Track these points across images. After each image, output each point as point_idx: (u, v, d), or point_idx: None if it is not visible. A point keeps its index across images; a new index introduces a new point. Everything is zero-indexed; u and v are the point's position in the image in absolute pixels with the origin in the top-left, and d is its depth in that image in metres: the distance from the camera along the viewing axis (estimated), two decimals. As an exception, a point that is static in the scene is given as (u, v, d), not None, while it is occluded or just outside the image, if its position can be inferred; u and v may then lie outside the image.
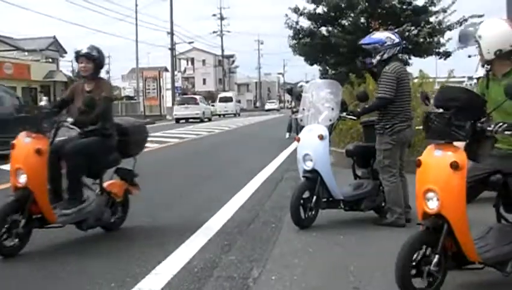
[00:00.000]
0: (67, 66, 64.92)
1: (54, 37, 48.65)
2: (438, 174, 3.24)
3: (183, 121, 35.03)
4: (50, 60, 46.14)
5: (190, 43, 59.93)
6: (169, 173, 10.20)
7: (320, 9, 21.72)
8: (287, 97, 68.34)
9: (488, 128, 3.22)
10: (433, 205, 3.22)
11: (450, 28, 20.67)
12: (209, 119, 38.38)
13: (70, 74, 50.00)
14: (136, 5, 49.96)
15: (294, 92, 15.22)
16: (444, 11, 20.54)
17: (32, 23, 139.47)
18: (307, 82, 12.22)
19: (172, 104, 46.50)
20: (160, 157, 13.26)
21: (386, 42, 5.28)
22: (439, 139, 3.32)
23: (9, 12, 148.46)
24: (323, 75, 23.87)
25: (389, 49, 5.28)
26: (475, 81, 8.99)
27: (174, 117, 36.35)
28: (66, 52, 51.45)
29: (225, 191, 7.51)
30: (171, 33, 49.04)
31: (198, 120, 35.44)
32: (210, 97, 56.94)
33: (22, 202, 4.50)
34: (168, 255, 4.51)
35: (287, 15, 21.85)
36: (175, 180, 9.13)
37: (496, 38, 3.49)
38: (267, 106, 72.51)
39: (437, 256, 3.18)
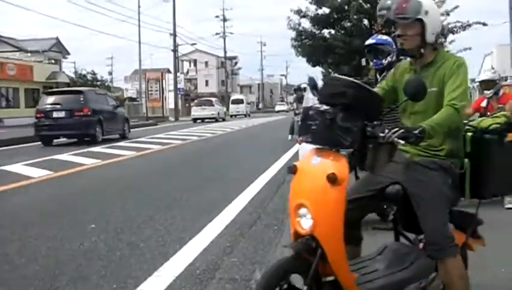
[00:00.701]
0: (70, 67, 65.04)
1: (57, 38, 48.77)
2: (312, 187, 2.57)
3: (200, 121, 38.87)
4: (53, 61, 46.26)
5: (193, 44, 60.06)
6: (171, 175, 10.18)
7: (322, 11, 21.79)
8: (289, 99, 68.61)
9: (381, 134, 2.54)
10: (306, 224, 2.54)
11: (452, 31, 20.75)
12: (223, 119, 41.67)
13: (73, 75, 50.16)
14: (139, 7, 50.19)
15: (298, 93, 15.22)
16: (448, 14, 20.58)
17: (35, 24, 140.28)
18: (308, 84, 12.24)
19: (175, 105, 46.70)
20: (162, 159, 13.28)
21: (393, 45, 5.24)
22: (320, 144, 2.65)
23: (12, 13, 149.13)
24: (325, 76, 23.94)
25: (395, 52, 5.25)
26: (477, 84, 8.98)
27: (192, 117, 40.46)
28: (68, 54, 51.70)
29: (227, 193, 7.50)
30: (174, 34, 49.08)
31: (213, 120, 39.09)
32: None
33: None
34: (169, 257, 4.50)
35: (289, 17, 21.95)
36: (176, 182, 9.12)
37: (439, 18, 2.85)
38: (277, 108, 75.67)
39: (305, 288, 2.50)
